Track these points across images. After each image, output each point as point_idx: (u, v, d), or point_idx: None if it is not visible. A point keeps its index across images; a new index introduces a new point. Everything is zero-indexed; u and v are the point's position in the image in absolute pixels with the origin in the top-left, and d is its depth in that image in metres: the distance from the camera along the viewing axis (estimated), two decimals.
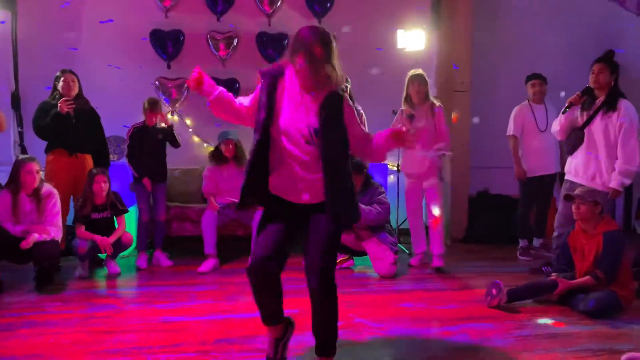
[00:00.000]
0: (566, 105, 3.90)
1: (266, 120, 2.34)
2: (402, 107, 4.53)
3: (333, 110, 2.34)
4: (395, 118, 4.60)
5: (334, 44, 2.31)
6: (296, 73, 2.33)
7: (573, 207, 3.56)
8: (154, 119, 4.59)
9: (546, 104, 4.95)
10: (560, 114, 3.96)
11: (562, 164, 4.40)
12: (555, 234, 4.09)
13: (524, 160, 4.93)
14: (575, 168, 3.93)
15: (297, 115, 2.34)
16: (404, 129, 2.46)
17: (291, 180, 2.38)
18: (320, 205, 2.36)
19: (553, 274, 3.65)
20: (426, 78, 4.52)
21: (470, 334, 3.02)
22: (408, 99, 4.49)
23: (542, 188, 4.99)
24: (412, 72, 4.53)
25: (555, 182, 5.01)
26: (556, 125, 4.04)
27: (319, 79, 2.30)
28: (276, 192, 2.43)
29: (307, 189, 2.37)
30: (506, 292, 3.48)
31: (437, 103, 4.52)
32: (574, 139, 3.93)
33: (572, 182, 3.92)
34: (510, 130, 4.97)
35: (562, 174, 4.19)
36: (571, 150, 3.98)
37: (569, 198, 3.64)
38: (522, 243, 5.05)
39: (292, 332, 2.58)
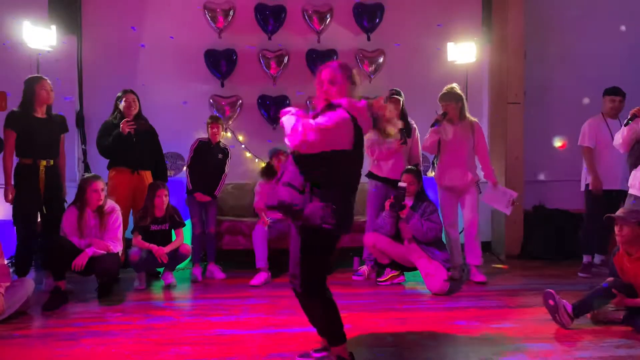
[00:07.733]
0: (629, 117, 3.75)
1: None
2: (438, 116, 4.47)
3: None
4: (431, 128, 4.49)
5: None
6: None
7: (616, 229, 3.33)
8: (216, 135, 4.77)
9: (620, 119, 4.68)
10: (623, 126, 3.81)
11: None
12: None
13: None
14: None
15: None
16: None
17: None
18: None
19: (609, 279, 3.43)
20: (461, 96, 4.43)
21: (527, 355, 2.92)
22: (445, 114, 4.42)
23: (610, 203, 4.77)
24: (445, 90, 4.44)
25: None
26: (618, 138, 3.88)
27: None
28: None
29: None
30: (571, 309, 3.31)
31: (474, 119, 4.52)
32: (637, 151, 3.77)
33: (636, 197, 3.74)
34: (585, 141, 4.79)
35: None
36: (635, 163, 3.80)
37: (609, 220, 3.37)
38: (585, 259, 4.83)
39: None
